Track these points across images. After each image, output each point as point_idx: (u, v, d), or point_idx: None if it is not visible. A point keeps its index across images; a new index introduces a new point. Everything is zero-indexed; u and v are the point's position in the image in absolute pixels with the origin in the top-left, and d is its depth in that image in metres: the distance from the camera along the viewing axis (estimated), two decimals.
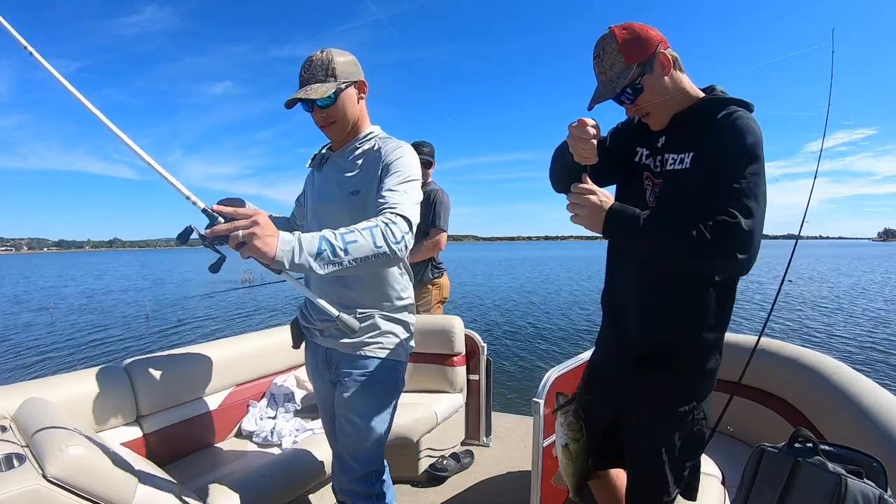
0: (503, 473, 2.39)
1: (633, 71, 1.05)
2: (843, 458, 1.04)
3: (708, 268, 1.02)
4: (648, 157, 1.16)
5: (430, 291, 2.91)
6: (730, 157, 0.98)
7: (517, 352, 7.56)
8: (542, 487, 1.59)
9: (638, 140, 1.21)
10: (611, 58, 1.07)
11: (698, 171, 1.03)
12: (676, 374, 1.12)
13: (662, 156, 1.11)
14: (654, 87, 1.07)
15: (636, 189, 1.16)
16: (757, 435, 1.79)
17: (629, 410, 1.20)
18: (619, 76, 1.06)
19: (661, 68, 1.06)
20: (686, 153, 1.06)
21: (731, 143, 0.99)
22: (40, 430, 1.21)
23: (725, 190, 0.96)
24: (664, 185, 1.10)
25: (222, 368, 2.11)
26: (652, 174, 1.14)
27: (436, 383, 2.59)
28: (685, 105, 1.10)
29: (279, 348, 2.37)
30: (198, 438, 1.97)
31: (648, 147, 1.17)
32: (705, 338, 1.10)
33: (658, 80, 1.07)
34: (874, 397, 1.44)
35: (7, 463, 1.09)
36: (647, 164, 1.16)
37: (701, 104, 1.09)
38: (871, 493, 0.96)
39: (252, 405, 2.19)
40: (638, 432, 1.18)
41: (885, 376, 6.02)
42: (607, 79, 1.09)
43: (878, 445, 1.25)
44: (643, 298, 1.14)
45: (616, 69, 1.07)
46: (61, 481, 1.07)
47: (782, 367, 1.81)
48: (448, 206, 2.87)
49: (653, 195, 1.13)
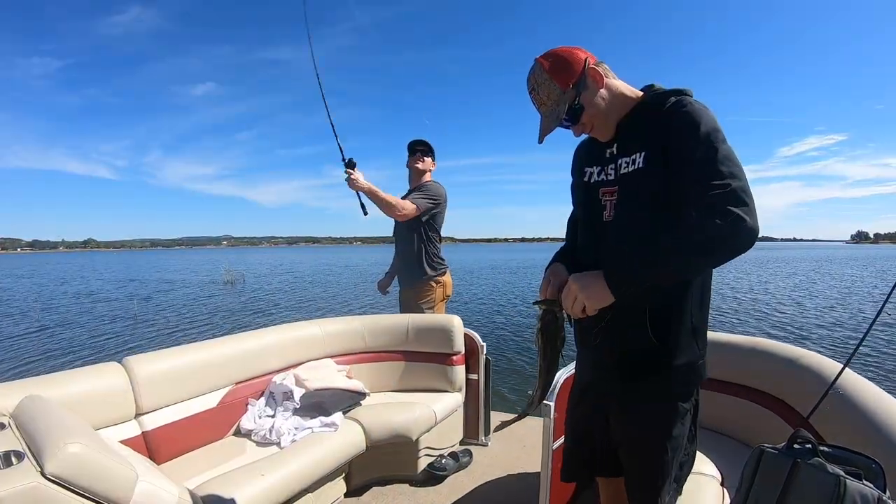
0: (502, 473, 2.39)
1: (569, 93, 1.06)
2: (841, 460, 1.04)
3: (727, 255, 0.92)
4: (601, 173, 1.15)
5: (433, 289, 2.91)
6: (688, 133, 0.95)
7: (516, 351, 7.56)
8: (552, 489, 1.59)
9: (585, 162, 1.20)
10: (546, 88, 1.08)
11: (653, 166, 1.01)
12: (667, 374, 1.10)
13: (615, 163, 1.10)
14: (592, 103, 1.07)
15: (594, 210, 1.15)
16: (756, 436, 1.79)
17: (622, 416, 1.17)
18: (557, 103, 1.08)
19: (595, 83, 1.07)
20: (637, 153, 1.05)
21: (683, 123, 0.97)
22: (39, 428, 1.21)
23: (697, 164, 0.93)
24: (620, 191, 1.08)
25: (221, 366, 2.11)
26: (608, 186, 1.12)
27: (435, 382, 2.60)
28: (627, 109, 1.10)
29: (278, 346, 2.37)
30: (196, 436, 1.97)
31: (598, 163, 1.16)
32: (691, 334, 1.08)
33: (594, 95, 1.08)
34: (873, 399, 1.44)
35: (6, 460, 1.10)
36: (599, 180, 1.15)
37: (642, 103, 1.09)
38: (870, 494, 0.96)
39: (251, 403, 2.19)
40: (634, 437, 1.17)
41: (884, 377, 6.03)
42: (548, 109, 1.10)
43: (877, 447, 1.25)
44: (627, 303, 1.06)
45: (553, 97, 1.08)
46: (60, 479, 1.07)
47: (782, 367, 1.81)
48: (438, 194, 2.88)
49: (611, 208, 1.11)
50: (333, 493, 2.08)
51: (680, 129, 0.97)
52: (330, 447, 1.95)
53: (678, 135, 0.97)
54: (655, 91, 1.10)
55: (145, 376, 1.82)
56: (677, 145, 0.97)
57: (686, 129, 0.96)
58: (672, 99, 1.03)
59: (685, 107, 0.99)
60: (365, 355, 2.70)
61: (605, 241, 1.12)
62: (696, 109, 0.98)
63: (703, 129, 0.94)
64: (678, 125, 0.98)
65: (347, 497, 2.16)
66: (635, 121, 1.09)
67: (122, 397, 1.75)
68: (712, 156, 0.92)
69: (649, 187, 1.02)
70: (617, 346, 1.13)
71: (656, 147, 1.01)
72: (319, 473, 1.89)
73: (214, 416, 2.04)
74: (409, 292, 2.97)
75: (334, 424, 2.07)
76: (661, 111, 1.02)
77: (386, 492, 2.22)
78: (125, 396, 1.76)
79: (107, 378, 1.74)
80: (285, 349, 2.40)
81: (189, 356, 2.01)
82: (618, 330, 1.11)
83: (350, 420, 2.15)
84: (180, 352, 2.02)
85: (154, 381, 1.85)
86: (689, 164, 0.95)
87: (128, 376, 1.79)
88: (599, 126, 1.12)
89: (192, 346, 2.10)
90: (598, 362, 1.21)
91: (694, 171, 0.93)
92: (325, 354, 2.58)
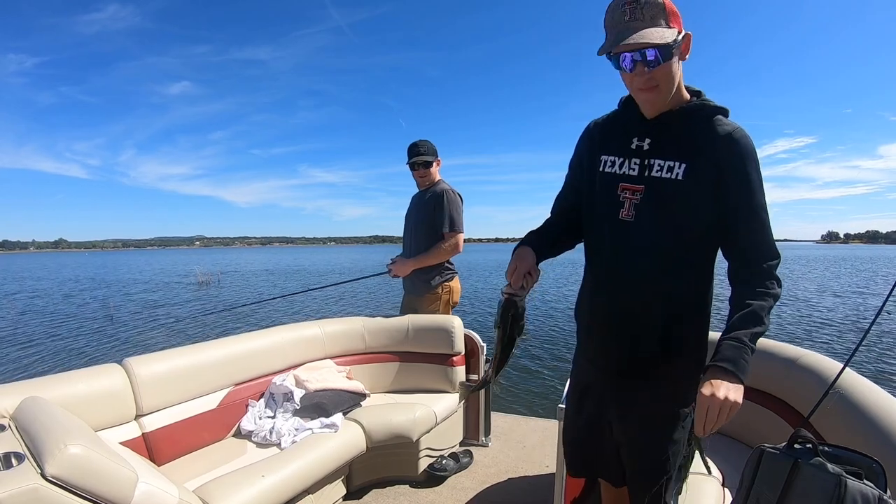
0: (502, 473, 2.39)
1: (671, 33, 0.93)
2: (842, 459, 1.04)
3: None
4: (622, 166, 1.08)
5: (439, 296, 2.80)
6: (747, 181, 0.98)
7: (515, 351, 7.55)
8: (566, 490, 1.60)
9: (602, 148, 1.13)
10: (653, 9, 0.93)
11: (694, 183, 0.99)
12: (672, 380, 1.11)
13: (643, 161, 1.04)
14: (674, 67, 0.97)
15: (608, 204, 1.09)
16: (756, 436, 1.79)
17: (625, 419, 1.16)
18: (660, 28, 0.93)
19: (683, 52, 0.99)
20: (677, 161, 1.00)
21: (743, 164, 0.97)
22: (39, 430, 1.21)
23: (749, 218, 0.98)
24: (647, 193, 1.03)
25: (221, 367, 2.11)
26: (630, 182, 1.06)
27: (435, 383, 2.59)
28: (675, 104, 1.04)
29: (278, 347, 2.37)
30: (196, 438, 1.97)
31: (620, 154, 1.09)
32: (696, 337, 1.09)
33: (677, 62, 0.98)
34: (873, 398, 1.44)
35: (6, 462, 1.09)
36: (619, 173, 1.08)
37: (693, 108, 1.03)
38: (871, 493, 0.96)
39: (251, 404, 2.19)
40: (637, 439, 1.16)
41: (884, 377, 6.03)
42: (647, 23, 0.92)
43: (878, 446, 1.25)
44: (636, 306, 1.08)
45: (659, 23, 0.93)
46: (60, 480, 1.07)
47: (782, 367, 1.81)
48: (460, 206, 2.78)
49: (631, 207, 1.06)
50: (334, 495, 2.08)
51: (739, 168, 0.98)
52: (330, 448, 1.95)
53: (736, 173, 0.98)
54: (705, 101, 1.04)
55: (145, 377, 1.82)
56: (735, 184, 0.98)
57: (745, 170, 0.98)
58: (728, 124, 1.00)
59: (743, 140, 0.98)
60: (365, 356, 2.69)
61: (625, 243, 1.07)
62: (753, 148, 0.99)
63: (757, 174, 0.99)
64: (735, 160, 0.98)
65: (348, 498, 2.16)
66: (679, 124, 1.03)
67: (123, 398, 1.75)
68: (765, 218, 0.99)
69: (685, 203, 1.00)
70: (626, 351, 1.12)
71: (704, 166, 0.98)
72: (320, 474, 1.89)
73: (214, 417, 2.04)
74: (414, 300, 2.84)
75: (334, 425, 2.07)
76: (715, 131, 0.99)
77: (386, 493, 2.22)
78: (125, 398, 1.76)
79: (107, 379, 1.74)
80: (285, 350, 2.40)
81: (189, 357, 2.01)
82: (629, 336, 1.10)
83: (350, 421, 2.15)
84: (180, 353, 2.02)
85: (154, 382, 1.85)
86: (745, 209, 0.99)
87: (128, 377, 1.79)
88: (656, 98, 1.01)
89: (191, 347, 2.10)
90: (603, 366, 1.19)
91: (748, 217, 0.99)
92: (326, 355, 2.58)
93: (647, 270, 1.06)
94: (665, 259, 1.04)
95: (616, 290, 1.11)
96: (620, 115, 1.16)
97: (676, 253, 1.04)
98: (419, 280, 2.80)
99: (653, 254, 1.04)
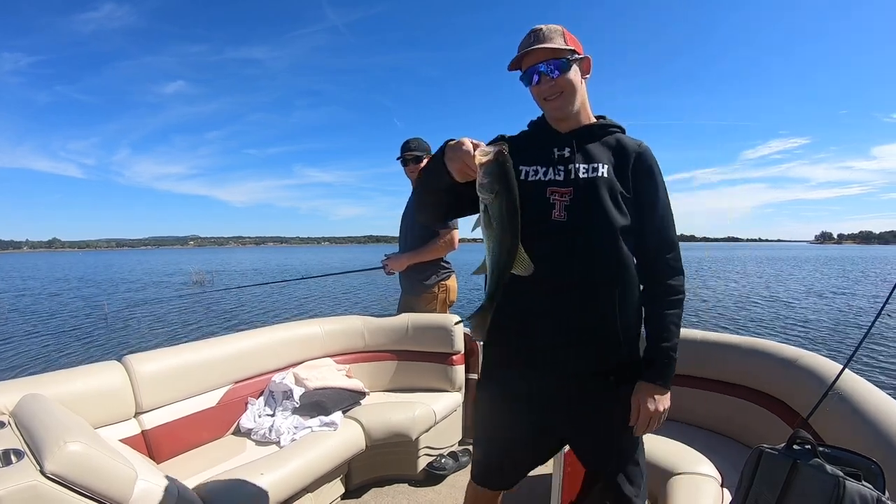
0: None
1: (568, 51, 1.13)
2: (841, 460, 1.05)
3: None
4: (547, 173, 1.15)
5: (436, 295, 2.79)
6: (655, 184, 1.17)
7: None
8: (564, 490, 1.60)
9: (518, 161, 1.15)
10: (553, 33, 1.14)
11: (616, 183, 1.13)
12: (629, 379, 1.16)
13: (567, 166, 1.15)
14: (574, 77, 1.15)
15: (540, 209, 1.13)
16: (755, 436, 1.79)
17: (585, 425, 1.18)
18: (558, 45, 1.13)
19: (584, 70, 1.19)
20: (598, 163, 1.14)
21: (652, 170, 1.17)
22: (39, 427, 1.21)
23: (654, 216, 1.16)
24: (576, 193, 1.12)
25: (221, 365, 2.11)
26: (559, 186, 1.13)
27: (434, 382, 2.59)
28: (584, 122, 1.21)
29: (278, 345, 2.37)
30: (196, 435, 1.97)
31: (543, 163, 1.17)
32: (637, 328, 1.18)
33: (577, 75, 1.16)
34: (873, 400, 1.44)
35: (5, 459, 1.10)
36: (546, 179, 1.15)
37: (600, 125, 1.21)
38: (870, 495, 0.96)
39: (251, 402, 2.19)
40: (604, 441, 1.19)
41: (884, 378, 6.03)
42: (546, 42, 1.12)
43: (876, 447, 1.25)
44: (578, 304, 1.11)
45: (557, 40, 1.13)
46: (59, 478, 1.07)
47: (781, 368, 1.81)
48: None
49: (562, 208, 1.12)
50: (333, 493, 2.09)
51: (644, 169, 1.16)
52: (329, 446, 1.95)
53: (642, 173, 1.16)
54: (609, 121, 1.23)
55: (145, 375, 1.82)
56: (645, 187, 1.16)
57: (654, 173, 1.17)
58: (634, 139, 1.20)
59: (649, 152, 1.18)
60: (364, 354, 2.70)
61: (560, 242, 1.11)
62: (656, 158, 1.19)
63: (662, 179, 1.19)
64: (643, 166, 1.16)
65: (346, 497, 2.16)
66: (592, 137, 1.19)
67: (122, 396, 1.75)
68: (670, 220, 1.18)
69: (611, 199, 1.12)
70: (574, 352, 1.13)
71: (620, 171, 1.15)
72: (319, 473, 1.89)
73: (214, 415, 2.04)
74: (411, 299, 2.83)
75: (334, 424, 2.07)
76: (625, 143, 1.18)
77: (385, 491, 2.22)
78: (125, 395, 1.76)
79: (106, 377, 1.74)
80: (285, 348, 2.40)
81: (189, 355, 2.01)
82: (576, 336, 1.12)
83: (349, 419, 2.16)
84: (180, 351, 2.02)
85: (154, 379, 1.85)
86: (651, 208, 1.16)
87: (127, 375, 1.79)
88: (562, 105, 1.16)
89: (191, 344, 2.10)
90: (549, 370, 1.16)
91: (656, 218, 1.16)
92: (325, 353, 2.58)
93: (582, 267, 1.11)
94: (599, 255, 1.11)
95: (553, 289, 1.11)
96: (534, 133, 1.27)
97: (608, 249, 1.12)
98: (416, 279, 2.79)
99: (587, 250, 1.11)
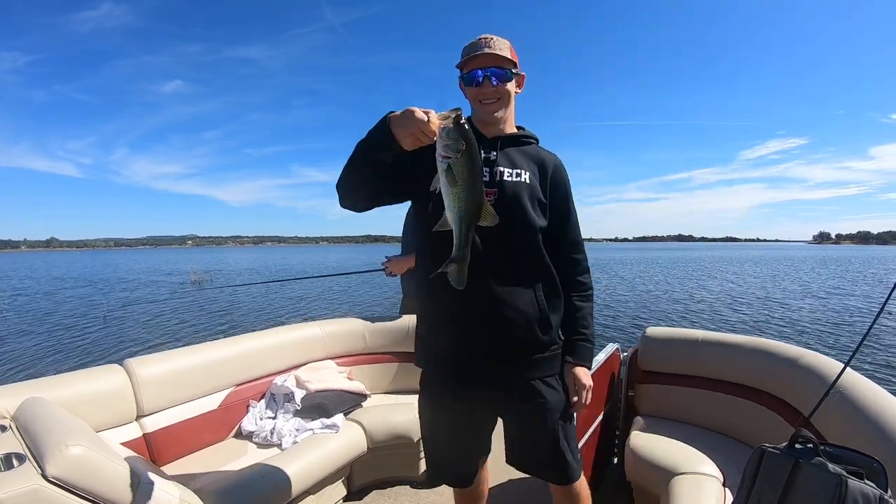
0: (503, 473, 2.39)
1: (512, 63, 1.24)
2: (843, 459, 1.04)
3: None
4: None
5: None
6: (568, 194, 1.33)
7: None
8: None
9: None
10: (501, 44, 1.24)
11: (536, 188, 1.26)
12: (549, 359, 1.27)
13: (495, 168, 1.24)
14: (511, 89, 1.27)
15: None
16: (757, 436, 1.79)
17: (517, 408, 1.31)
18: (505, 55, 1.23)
19: (519, 84, 1.30)
20: (520, 169, 1.26)
21: (566, 181, 1.34)
22: (40, 430, 1.21)
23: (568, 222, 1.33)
24: (501, 195, 1.22)
25: (222, 368, 2.11)
26: (485, 186, 1.19)
27: None
28: (507, 131, 1.32)
29: (279, 348, 2.37)
30: (197, 438, 1.97)
31: None
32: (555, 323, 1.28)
33: (514, 88, 1.29)
34: (874, 398, 1.44)
35: (7, 463, 1.10)
36: None
37: (522, 134, 1.33)
38: (872, 493, 0.96)
39: (252, 405, 2.19)
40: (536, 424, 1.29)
41: (885, 377, 6.02)
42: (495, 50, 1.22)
43: (879, 446, 1.25)
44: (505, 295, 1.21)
45: (505, 52, 1.23)
46: (61, 481, 1.07)
47: (783, 367, 1.81)
48: None
49: None
50: (335, 495, 2.08)
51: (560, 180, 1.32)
52: (331, 449, 1.95)
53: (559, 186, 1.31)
54: (528, 132, 1.36)
55: (146, 378, 1.82)
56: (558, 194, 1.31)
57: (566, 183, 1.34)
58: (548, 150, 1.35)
59: (562, 164, 1.34)
60: (366, 356, 2.69)
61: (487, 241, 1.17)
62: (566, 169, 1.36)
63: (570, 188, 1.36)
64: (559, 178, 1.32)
65: (348, 499, 2.16)
66: (514, 145, 1.31)
67: (124, 399, 1.75)
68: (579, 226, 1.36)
69: (532, 202, 1.24)
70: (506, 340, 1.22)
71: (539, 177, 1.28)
72: (320, 475, 1.89)
73: (215, 417, 2.04)
74: (413, 301, 2.71)
75: (335, 426, 2.07)
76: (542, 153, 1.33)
77: (387, 493, 2.21)
78: (126, 398, 1.76)
79: (108, 380, 1.74)
80: (286, 351, 2.40)
81: (190, 358, 2.01)
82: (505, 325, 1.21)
83: (351, 421, 2.15)
84: (181, 354, 2.02)
85: (155, 383, 1.85)
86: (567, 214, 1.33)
87: (129, 378, 1.79)
88: (495, 110, 1.27)
89: (192, 348, 2.10)
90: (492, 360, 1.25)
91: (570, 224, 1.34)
92: (326, 356, 2.58)
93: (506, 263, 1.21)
94: (522, 253, 1.23)
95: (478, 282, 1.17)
96: None
97: (531, 248, 1.24)
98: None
99: (512, 249, 1.22)
